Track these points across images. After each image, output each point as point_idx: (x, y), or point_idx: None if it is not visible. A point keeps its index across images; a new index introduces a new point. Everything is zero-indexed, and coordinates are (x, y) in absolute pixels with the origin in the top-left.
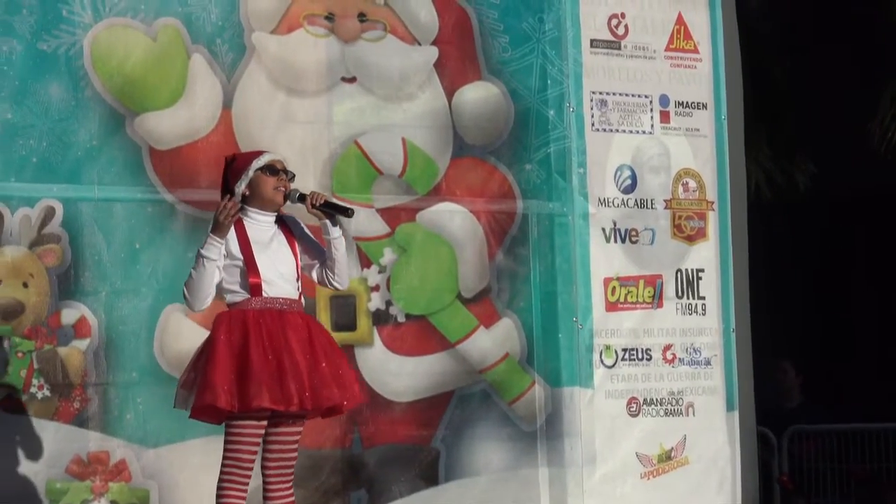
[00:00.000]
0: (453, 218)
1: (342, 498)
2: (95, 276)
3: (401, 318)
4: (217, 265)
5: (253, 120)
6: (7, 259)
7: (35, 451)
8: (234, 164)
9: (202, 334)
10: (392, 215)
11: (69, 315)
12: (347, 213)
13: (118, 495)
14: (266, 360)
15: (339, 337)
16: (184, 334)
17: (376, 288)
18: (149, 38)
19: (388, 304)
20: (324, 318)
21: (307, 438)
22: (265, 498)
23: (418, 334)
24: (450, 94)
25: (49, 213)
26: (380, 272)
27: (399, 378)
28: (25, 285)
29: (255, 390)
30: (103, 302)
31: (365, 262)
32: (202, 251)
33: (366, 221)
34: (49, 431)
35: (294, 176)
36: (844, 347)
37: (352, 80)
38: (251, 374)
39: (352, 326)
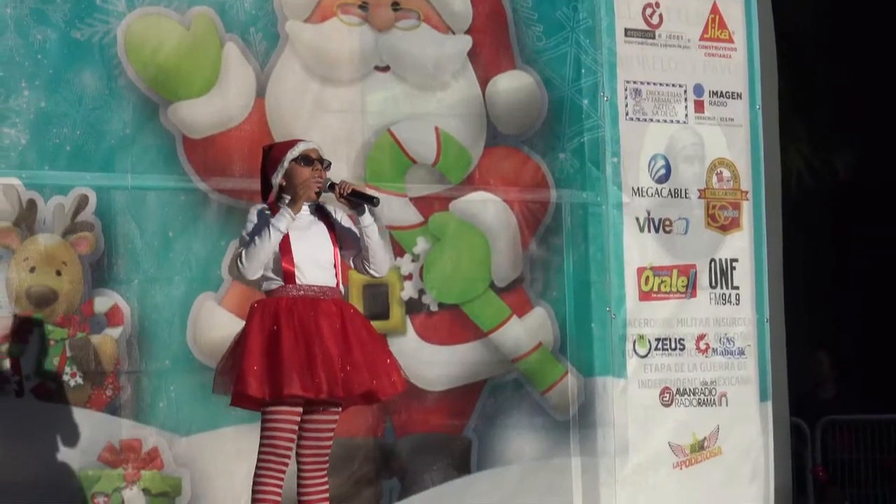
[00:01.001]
0: (486, 207)
1: (374, 486)
2: (128, 265)
3: (434, 307)
4: (280, 237)
5: (286, 109)
6: (41, 247)
7: (68, 439)
8: (271, 154)
9: (235, 322)
10: (425, 204)
11: (102, 303)
12: (373, 202)
13: (150, 483)
14: (297, 348)
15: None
16: (216, 323)
17: (409, 277)
18: (182, 26)
19: (422, 292)
20: (357, 306)
21: (340, 427)
22: (300, 485)
23: (451, 323)
24: (483, 83)
25: (83, 202)
26: (413, 261)
27: (432, 367)
28: (59, 273)
29: (287, 378)
30: (136, 290)
31: (398, 251)
32: (273, 220)
33: (399, 210)
34: (82, 419)
35: (330, 164)
36: (881, 338)
37: (385, 69)
38: (282, 361)
39: (385, 315)
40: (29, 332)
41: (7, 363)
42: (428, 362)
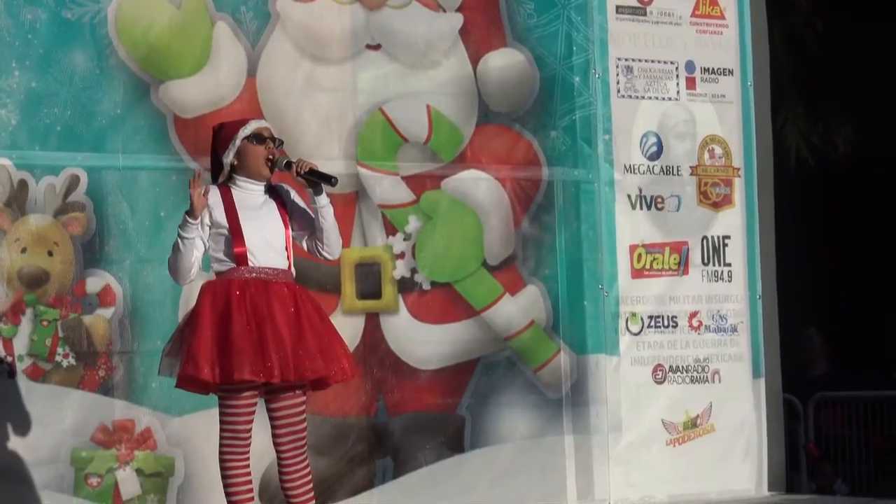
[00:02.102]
0: (478, 185)
1: (368, 466)
2: (120, 245)
3: (426, 286)
4: (196, 241)
5: (277, 88)
6: (32, 227)
7: (60, 420)
8: (222, 134)
9: None
10: (417, 183)
11: (94, 283)
12: (331, 181)
13: (143, 463)
14: (248, 332)
15: (364, 305)
16: None
17: (401, 255)
18: (173, 5)
19: (414, 271)
20: (348, 285)
21: (332, 406)
22: (281, 472)
23: (443, 302)
24: (475, 61)
25: (74, 182)
26: (405, 240)
27: (424, 346)
28: (50, 254)
29: (237, 362)
30: (128, 270)
31: (390, 229)
32: (179, 229)
33: (391, 189)
34: (74, 400)
35: (282, 143)
36: (872, 314)
37: (377, 47)
38: (233, 345)
39: (377, 294)
40: (21, 313)
41: None
42: (420, 341)
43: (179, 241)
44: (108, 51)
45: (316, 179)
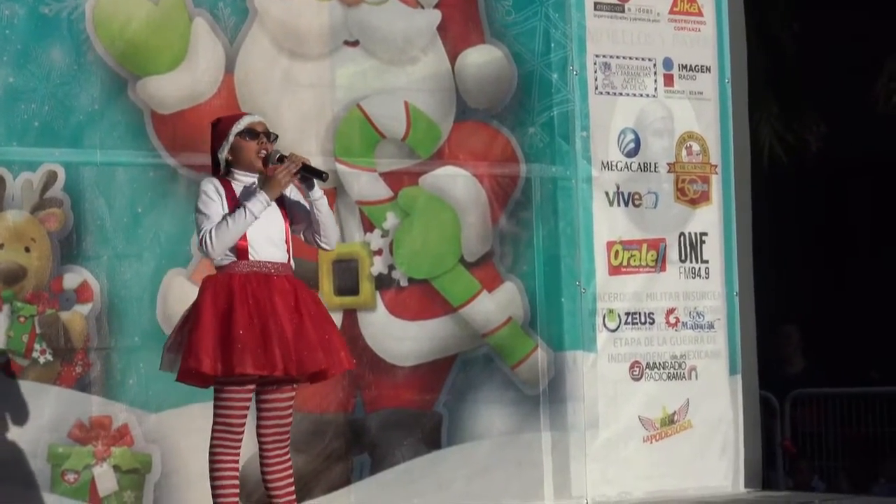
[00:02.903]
0: (456, 182)
1: (345, 462)
2: (97, 241)
3: (403, 283)
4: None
5: (255, 84)
6: (9, 223)
7: (37, 416)
8: (218, 129)
9: None
10: (395, 179)
11: (71, 279)
12: (322, 176)
13: (120, 460)
14: (251, 325)
15: (342, 301)
16: (186, 299)
17: (379, 252)
18: (150, 1)
19: (391, 268)
20: (326, 282)
21: (310, 402)
22: (263, 464)
23: (421, 298)
24: (453, 57)
25: (51, 178)
26: (382, 236)
27: (402, 342)
28: (27, 250)
29: (239, 356)
30: (105, 266)
31: (368, 226)
32: (249, 205)
33: (368, 185)
34: (51, 396)
35: (276, 137)
36: (849, 312)
37: (355, 43)
38: (235, 339)
39: (354, 291)
40: None
41: None
42: (398, 337)
43: (246, 214)
44: (85, 46)
45: (308, 174)
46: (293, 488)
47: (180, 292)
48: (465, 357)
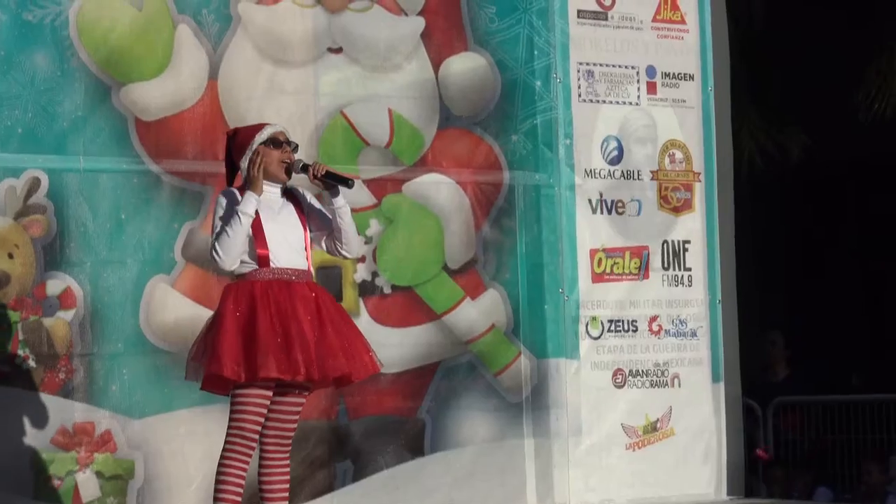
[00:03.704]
0: (439, 189)
1: (328, 469)
2: (81, 247)
3: (387, 290)
4: (250, 222)
5: (239, 91)
6: None
7: (20, 422)
8: (237, 139)
9: (188, 305)
10: (378, 186)
11: (54, 286)
12: (348, 184)
13: (103, 466)
14: (273, 331)
15: None
16: (169, 305)
17: (362, 259)
18: (134, 8)
19: (375, 275)
20: None
21: None
22: (261, 467)
23: (404, 305)
24: (436, 64)
25: (34, 184)
26: (366, 243)
27: (385, 349)
28: (11, 256)
29: (262, 360)
30: (89, 273)
31: None
32: (240, 207)
33: (352, 192)
34: (34, 402)
35: (297, 146)
36: (833, 319)
37: (338, 50)
38: (258, 344)
39: (338, 297)
40: None
41: None
42: (381, 344)
43: (240, 217)
44: (69, 53)
45: (333, 182)
46: (287, 494)
47: (163, 299)
48: (449, 364)
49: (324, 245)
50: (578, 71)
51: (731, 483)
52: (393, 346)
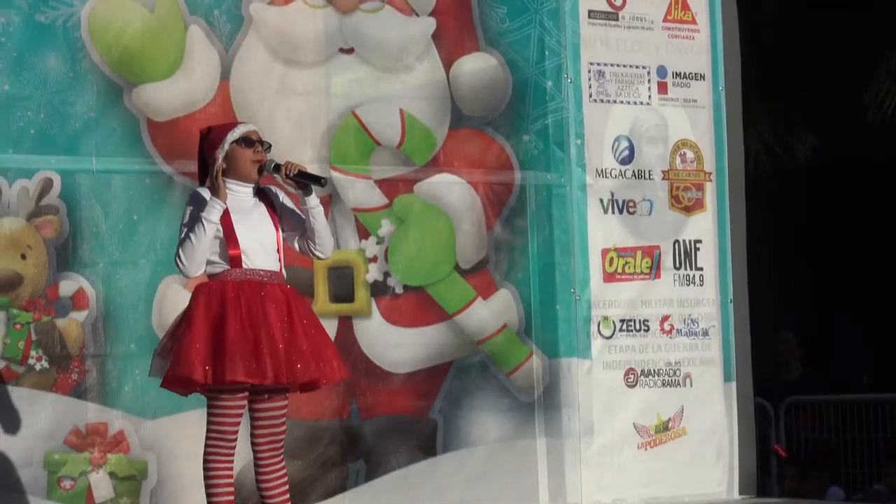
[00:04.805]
0: (451, 189)
1: (340, 469)
2: (93, 248)
3: (399, 290)
4: (215, 230)
5: (251, 91)
6: (5, 231)
7: (33, 423)
8: (210, 137)
9: None
10: (390, 186)
11: (67, 287)
12: (321, 182)
13: (117, 466)
14: (243, 334)
15: (337, 308)
16: (182, 306)
17: (374, 259)
18: (146, 9)
19: (386, 275)
20: (321, 289)
21: (304, 410)
22: (258, 472)
23: (416, 305)
24: (448, 65)
25: (47, 185)
26: (378, 243)
27: (397, 349)
28: (23, 257)
29: (230, 364)
30: (101, 274)
31: (363, 233)
32: (204, 214)
33: (364, 193)
34: (47, 403)
35: (270, 146)
36: (845, 319)
37: (350, 51)
38: (226, 347)
39: (350, 298)
40: None
41: None
42: (393, 345)
43: (204, 225)
44: (81, 54)
45: (305, 181)
46: (288, 496)
47: (176, 299)
48: (461, 364)
49: (296, 245)
50: (589, 71)
51: (743, 482)
52: (405, 346)
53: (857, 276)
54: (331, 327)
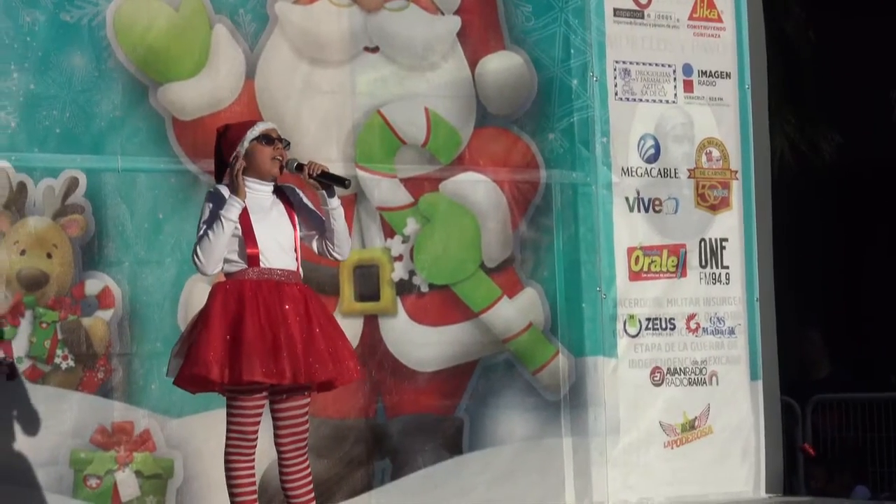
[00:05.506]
0: (476, 187)
1: (366, 468)
2: (119, 247)
3: (424, 288)
4: (233, 228)
5: (276, 90)
6: (31, 229)
7: (59, 422)
8: (228, 135)
9: None
10: (415, 185)
11: (93, 285)
12: (344, 183)
13: (142, 465)
14: (261, 333)
15: (363, 307)
16: None
17: (400, 258)
18: (171, 8)
19: (412, 273)
20: (347, 287)
21: (331, 408)
22: (282, 471)
23: (442, 304)
24: (473, 63)
25: (73, 184)
26: (403, 242)
27: (423, 348)
28: (49, 256)
29: (247, 364)
30: (127, 272)
31: (388, 231)
32: (223, 212)
33: (389, 191)
34: (73, 401)
35: (289, 144)
36: (870, 316)
37: (375, 49)
38: (244, 347)
39: (375, 296)
40: (20, 315)
41: None
42: (419, 343)
43: (222, 222)
44: (106, 53)
45: (329, 182)
46: (313, 495)
47: (201, 298)
48: (486, 363)
49: (315, 246)
50: (615, 69)
51: (770, 481)
52: (430, 344)
53: (883, 275)
54: (356, 326)
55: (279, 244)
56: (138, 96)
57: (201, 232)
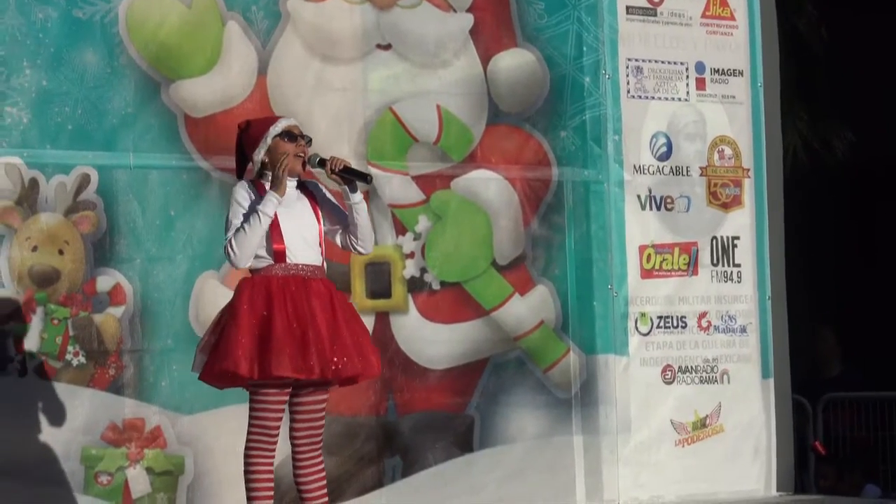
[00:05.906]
0: (488, 185)
1: (377, 465)
2: (131, 244)
3: (435, 286)
4: (269, 222)
5: (288, 87)
6: (42, 226)
7: (71, 418)
8: (249, 132)
9: None
10: (427, 182)
11: (104, 282)
12: (367, 179)
13: (153, 462)
14: (290, 329)
15: (374, 304)
16: (218, 301)
17: (411, 255)
18: (183, 4)
19: (423, 271)
20: (358, 284)
21: (342, 405)
22: (296, 466)
23: (453, 301)
24: (485, 61)
25: (84, 181)
26: (415, 239)
27: (434, 345)
28: (61, 252)
29: (277, 359)
30: (138, 269)
31: (400, 229)
32: (260, 207)
33: (400, 188)
34: (84, 398)
35: (311, 140)
36: (882, 315)
37: (387, 47)
38: (274, 342)
39: (387, 293)
40: (31, 312)
41: (10, 342)
42: (430, 341)
43: (260, 217)
44: (118, 50)
45: (351, 177)
46: (325, 490)
47: (213, 295)
48: (497, 360)
49: (338, 240)
50: (627, 67)
51: (781, 479)
52: (441, 342)
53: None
54: (367, 323)
55: (304, 239)
56: (150, 93)
57: (237, 224)
